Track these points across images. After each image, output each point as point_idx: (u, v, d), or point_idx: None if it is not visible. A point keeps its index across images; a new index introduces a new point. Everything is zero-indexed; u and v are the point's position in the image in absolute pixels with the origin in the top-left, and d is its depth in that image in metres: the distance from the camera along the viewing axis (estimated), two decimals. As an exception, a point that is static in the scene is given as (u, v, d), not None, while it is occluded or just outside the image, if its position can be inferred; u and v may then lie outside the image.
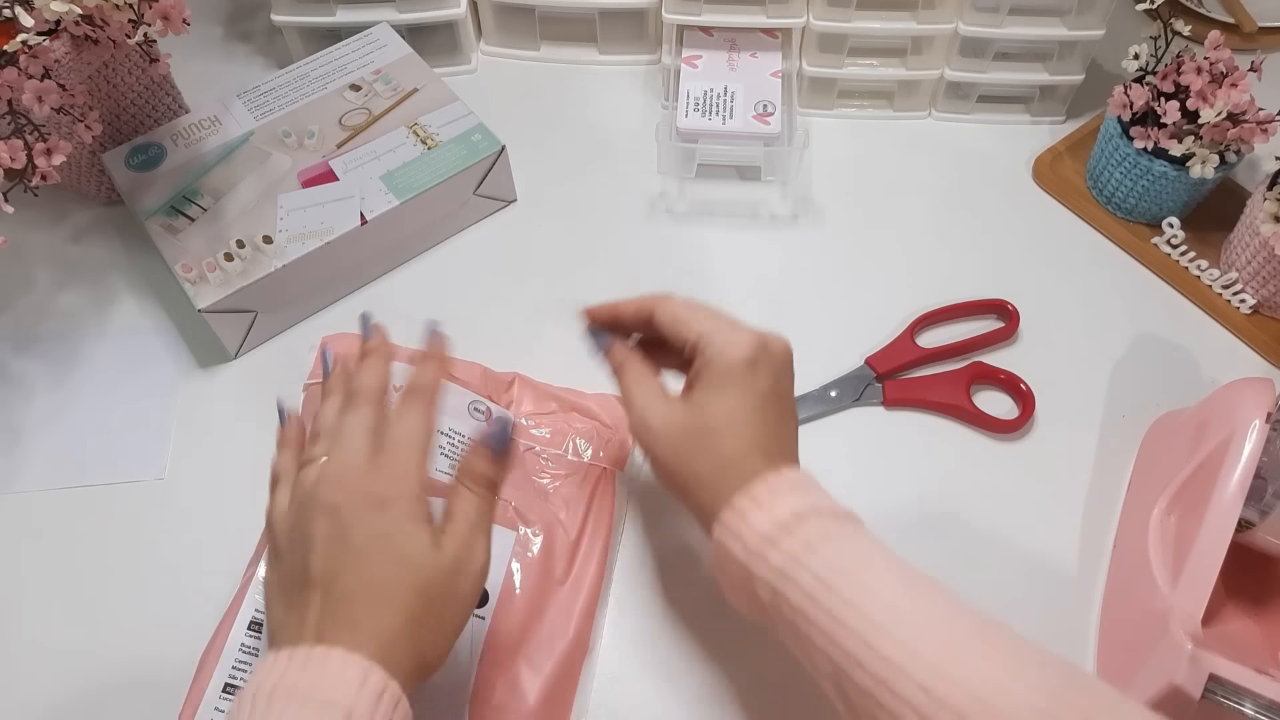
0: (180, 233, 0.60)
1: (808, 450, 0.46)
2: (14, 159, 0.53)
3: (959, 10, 0.68)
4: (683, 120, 0.68)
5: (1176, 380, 0.61)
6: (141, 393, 0.60)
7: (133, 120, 0.66)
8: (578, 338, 0.50)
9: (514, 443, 0.43)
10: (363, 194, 0.62)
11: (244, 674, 0.47)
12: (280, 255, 0.59)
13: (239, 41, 0.81)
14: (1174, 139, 0.61)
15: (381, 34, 0.71)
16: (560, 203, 0.70)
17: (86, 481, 0.57)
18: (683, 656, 0.51)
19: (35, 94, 0.53)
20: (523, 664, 0.49)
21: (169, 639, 0.50)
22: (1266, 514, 0.47)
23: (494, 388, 0.58)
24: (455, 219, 0.67)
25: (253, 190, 0.62)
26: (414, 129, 0.65)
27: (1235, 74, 0.60)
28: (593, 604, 0.51)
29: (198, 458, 0.58)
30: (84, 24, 0.57)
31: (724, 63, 0.71)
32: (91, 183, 0.67)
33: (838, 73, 0.72)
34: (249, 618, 0.48)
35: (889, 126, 0.75)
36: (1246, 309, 0.63)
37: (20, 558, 0.54)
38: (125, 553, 0.54)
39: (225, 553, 0.52)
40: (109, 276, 0.66)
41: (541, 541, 0.52)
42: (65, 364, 0.62)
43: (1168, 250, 0.66)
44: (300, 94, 0.67)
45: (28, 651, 0.51)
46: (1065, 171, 0.71)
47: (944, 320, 0.64)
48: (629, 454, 0.57)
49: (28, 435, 0.59)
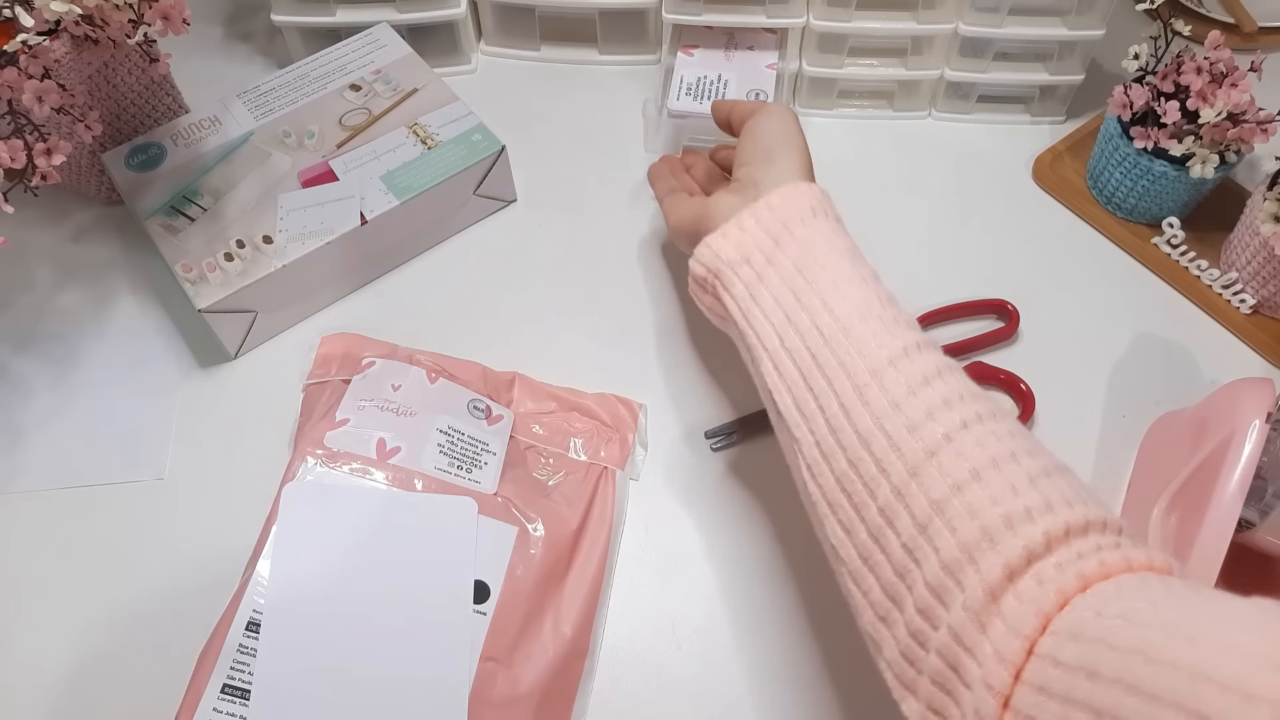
0: (180, 233, 0.60)
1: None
2: (14, 159, 0.53)
3: (959, 10, 0.68)
4: (674, 103, 0.68)
5: (1176, 380, 0.61)
6: (141, 393, 0.61)
7: (133, 120, 0.66)
8: (577, 338, 0.50)
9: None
10: (363, 194, 0.62)
11: (242, 674, 0.47)
12: (280, 255, 0.59)
13: (239, 41, 0.81)
14: (1174, 139, 0.61)
15: (381, 34, 0.71)
16: (560, 203, 0.70)
17: (86, 481, 0.57)
18: (683, 656, 0.51)
19: (35, 94, 0.53)
20: (523, 662, 0.49)
21: (167, 638, 0.50)
22: (1266, 514, 0.47)
23: (494, 387, 0.58)
24: (455, 219, 0.67)
25: (253, 190, 0.62)
26: (414, 129, 0.65)
27: (1235, 74, 0.60)
28: (593, 603, 0.51)
29: (198, 458, 0.58)
30: (84, 24, 0.57)
31: (720, 55, 0.72)
32: (91, 183, 0.67)
33: (838, 73, 0.72)
34: (247, 618, 0.48)
35: (889, 126, 0.75)
36: (1246, 309, 0.63)
37: (20, 558, 0.54)
38: (125, 553, 0.54)
39: (224, 553, 0.52)
40: (109, 276, 0.66)
41: (543, 539, 0.52)
42: (65, 364, 0.62)
43: (1168, 250, 0.66)
44: (300, 94, 0.67)
45: (27, 651, 0.51)
46: (1065, 171, 0.71)
47: (944, 320, 0.64)
48: (629, 453, 0.57)
49: (27, 435, 0.59)
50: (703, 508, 0.56)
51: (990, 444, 0.38)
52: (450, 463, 0.53)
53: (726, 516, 0.56)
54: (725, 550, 0.55)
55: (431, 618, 0.49)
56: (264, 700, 0.46)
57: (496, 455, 0.54)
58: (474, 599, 0.49)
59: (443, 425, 0.54)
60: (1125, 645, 0.30)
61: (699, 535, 0.55)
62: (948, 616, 0.35)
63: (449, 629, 0.49)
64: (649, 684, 0.51)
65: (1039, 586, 0.34)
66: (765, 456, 0.58)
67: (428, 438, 0.54)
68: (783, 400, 0.44)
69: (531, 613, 0.50)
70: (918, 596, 0.37)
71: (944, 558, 0.36)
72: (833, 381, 0.42)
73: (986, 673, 0.34)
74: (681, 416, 0.59)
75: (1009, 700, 0.33)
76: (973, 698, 0.34)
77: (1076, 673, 0.31)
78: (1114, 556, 0.34)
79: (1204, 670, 0.27)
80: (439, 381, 0.57)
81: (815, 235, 0.47)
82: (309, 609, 0.49)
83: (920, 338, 0.43)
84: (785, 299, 0.45)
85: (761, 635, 0.52)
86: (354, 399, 0.55)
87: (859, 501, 0.39)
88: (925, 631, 0.36)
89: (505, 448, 0.55)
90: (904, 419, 0.39)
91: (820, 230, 0.47)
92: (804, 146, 0.52)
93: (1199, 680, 0.27)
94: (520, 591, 0.50)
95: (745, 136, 0.53)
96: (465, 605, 0.49)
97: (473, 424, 0.55)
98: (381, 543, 0.51)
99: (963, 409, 0.39)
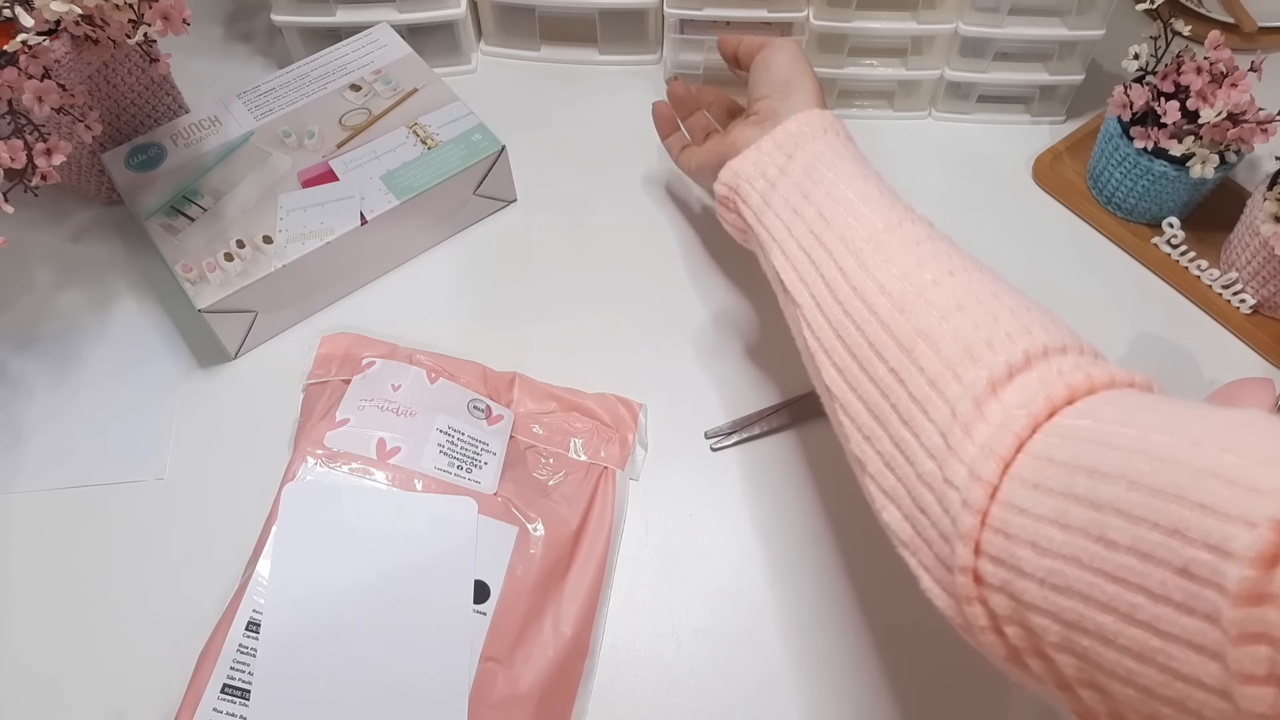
0: (180, 233, 0.60)
1: (808, 452, 0.46)
2: (14, 159, 0.53)
3: (959, 10, 0.68)
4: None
5: (1176, 380, 0.61)
6: (141, 393, 0.61)
7: (133, 120, 0.66)
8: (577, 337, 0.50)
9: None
10: (363, 194, 0.62)
11: (242, 674, 0.47)
12: (280, 255, 0.59)
13: (239, 41, 0.81)
14: (1174, 139, 0.61)
15: (381, 34, 0.71)
16: (560, 202, 0.70)
17: (86, 481, 0.57)
18: (683, 656, 0.51)
19: (35, 94, 0.53)
20: (523, 662, 0.49)
21: (167, 638, 0.50)
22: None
23: (494, 387, 0.58)
24: (455, 219, 0.67)
25: (253, 190, 0.62)
26: (414, 129, 0.65)
27: (1235, 74, 0.60)
28: (593, 603, 0.51)
29: (198, 458, 0.58)
30: (84, 24, 0.57)
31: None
32: (91, 183, 0.67)
33: (838, 73, 0.72)
34: (247, 618, 0.48)
35: (889, 126, 0.75)
36: (1246, 309, 0.63)
37: (20, 558, 0.54)
38: (125, 553, 0.54)
39: (224, 553, 0.52)
40: (109, 276, 0.66)
41: (543, 539, 0.52)
42: (65, 364, 0.62)
43: (1168, 250, 0.66)
44: (300, 94, 0.67)
45: (27, 651, 0.51)
46: (1065, 171, 0.71)
47: (944, 320, 0.64)
48: (629, 453, 0.57)
49: (28, 435, 0.59)
50: (703, 508, 0.56)
51: (975, 285, 0.40)
52: (450, 463, 0.53)
53: (726, 516, 0.56)
54: (725, 550, 0.55)
55: (431, 618, 0.49)
56: (264, 700, 0.46)
57: (496, 455, 0.54)
58: (474, 599, 0.49)
59: (443, 425, 0.54)
60: (1126, 445, 0.30)
61: (699, 535, 0.55)
62: (931, 424, 0.37)
63: (449, 629, 0.49)
64: (649, 684, 0.51)
65: (1023, 393, 0.35)
66: (765, 456, 0.58)
67: (428, 438, 0.54)
68: (788, 277, 0.46)
69: (531, 613, 0.50)
70: (902, 410, 0.38)
71: (928, 374, 0.38)
72: (832, 251, 0.44)
73: (974, 466, 0.34)
74: (681, 416, 0.59)
75: (996, 492, 0.34)
76: (958, 494, 0.35)
77: (1076, 471, 0.31)
78: (1098, 371, 0.36)
79: (1208, 467, 0.27)
80: (439, 381, 0.57)
81: (825, 148, 0.50)
82: (309, 609, 0.49)
83: (917, 215, 0.45)
84: (794, 197, 0.48)
85: (762, 635, 0.52)
86: (354, 399, 0.55)
87: (851, 341, 0.42)
88: (908, 440, 0.38)
89: (505, 448, 0.55)
90: (895, 270, 0.42)
91: (830, 144, 0.50)
92: (815, 78, 0.55)
93: (1204, 475, 0.27)
94: (520, 591, 0.50)
95: (759, 70, 0.56)
96: (465, 605, 0.49)
97: (473, 424, 0.55)
98: (381, 543, 0.51)
99: (950, 262, 0.42)
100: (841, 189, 0.46)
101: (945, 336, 0.38)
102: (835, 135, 0.51)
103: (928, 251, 0.42)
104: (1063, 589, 0.30)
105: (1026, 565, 0.32)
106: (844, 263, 0.43)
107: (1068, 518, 0.31)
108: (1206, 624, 0.26)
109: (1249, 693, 0.25)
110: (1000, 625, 0.34)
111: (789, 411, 0.59)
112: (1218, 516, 0.26)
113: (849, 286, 0.42)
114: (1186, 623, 0.26)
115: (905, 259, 0.42)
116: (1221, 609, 0.25)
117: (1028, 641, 0.33)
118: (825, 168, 0.48)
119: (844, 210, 0.45)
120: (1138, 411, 0.32)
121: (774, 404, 0.59)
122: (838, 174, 0.48)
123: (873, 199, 0.46)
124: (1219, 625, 0.25)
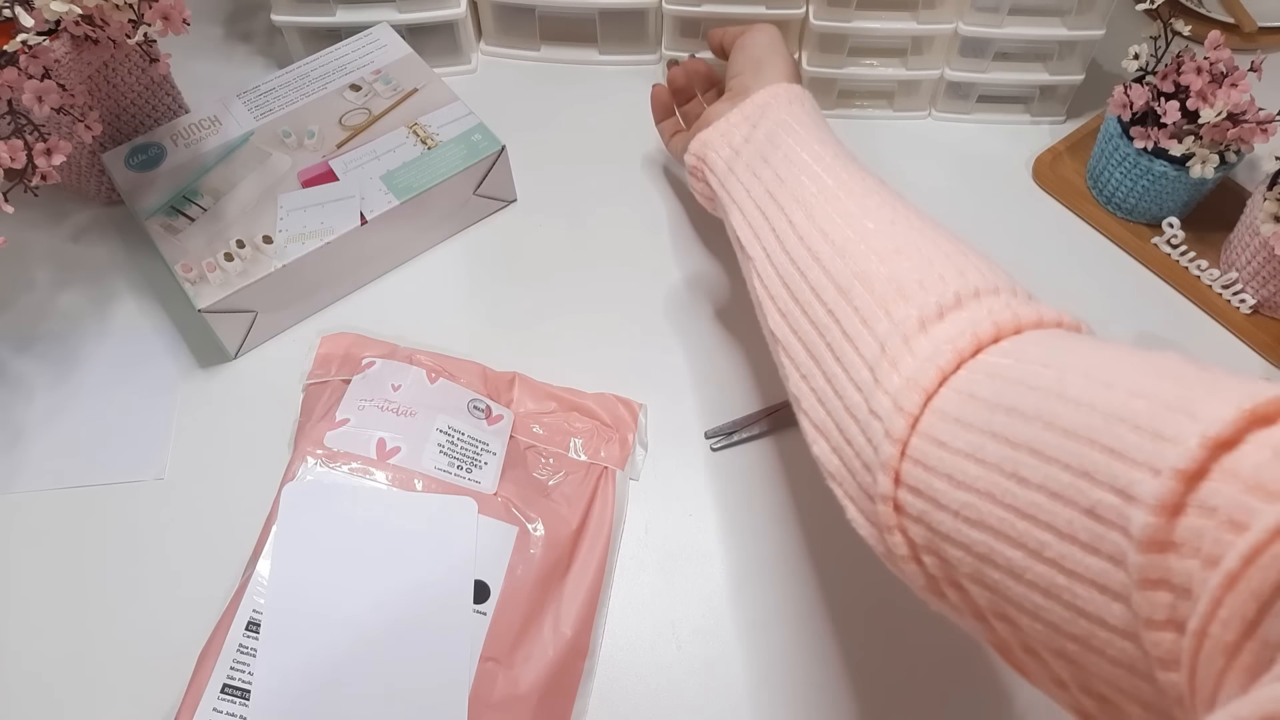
0: (180, 233, 0.60)
1: (808, 452, 0.46)
2: (14, 159, 0.53)
3: (959, 10, 0.68)
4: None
5: (1176, 380, 0.61)
6: (141, 393, 0.61)
7: (133, 120, 0.66)
8: (577, 337, 0.50)
9: None
10: (363, 194, 0.62)
11: (242, 674, 0.47)
12: (280, 255, 0.59)
13: (239, 41, 0.81)
14: (1174, 139, 0.61)
15: (381, 34, 0.71)
16: (560, 202, 0.70)
17: (86, 481, 0.57)
18: (683, 656, 0.51)
19: (35, 94, 0.53)
20: (523, 663, 0.49)
21: (167, 638, 0.50)
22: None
23: (494, 387, 0.58)
24: (455, 219, 0.67)
25: (253, 190, 0.62)
26: (414, 129, 0.65)
27: (1235, 74, 0.60)
28: (593, 603, 0.51)
29: (198, 458, 0.58)
30: (84, 24, 0.57)
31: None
32: (91, 183, 0.67)
33: (838, 72, 0.72)
34: (247, 618, 0.48)
35: (889, 126, 0.75)
36: (1246, 309, 0.63)
37: (19, 557, 0.54)
38: (125, 553, 0.54)
39: (224, 553, 0.52)
40: (109, 276, 0.66)
41: (543, 539, 0.52)
42: (65, 364, 0.62)
43: (1168, 250, 0.66)
44: (300, 94, 0.67)
45: (27, 651, 0.51)
46: (1065, 171, 0.71)
47: (944, 320, 0.64)
48: (629, 453, 0.57)
49: (28, 435, 0.59)
50: (703, 508, 0.56)
51: (914, 232, 0.41)
52: (450, 463, 0.53)
53: (726, 516, 0.56)
54: (725, 550, 0.55)
55: (431, 618, 0.49)
56: (264, 700, 0.46)
57: (496, 455, 0.54)
58: (474, 599, 0.49)
59: (443, 425, 0.54)
60: (1044, 386, 0.31)
61: (699, 535, 0.55)
62: (861, 359, 0.38)
63: (449, 629, 0.49)
64: (649, 684, 0.51)
65: (951, 330, 0.36)
66: (765, 456, 0.58)
67: (428, 438, 0.54)
68: (744, 234, 0.48)
69: (531, 613, 0.50)
70: (836, 347, 0.39)
71: (861, 313, 0.39)
72: (784, 207, 0.46)
73: (898, 397, 0.35)
74: (681, 416, 0.59)
75: (917, 423, 0.34)
76: (881, 424, 0.35)
77: (995, 408, 0.32)
78: (1027, 311, 0.36)
79: (1118, 412, 0.28)
80: (439, 381, 0.57)
81: (788, 116, 0.51)
82: (309, 609, 0.49)
83: (870, 174, 0.46)
84: (754, 161, 0.50)
85: (762, 635, 0.52)
86: (354, 399, 0.55)
87: (794, 286, 0.43)
88: (839, 375, 0.38)
89: (505, 448, 0.55)
90: (840, 219, 0.43)
91: (793, 112, 0.51)
92: (790, 57, 0.56)
93: (1114, 420, 0.28)
94: (520, 591, 0.50)
95: (736, 51, 0.58)
96: (465, 605, 0.49)
97: (473, 424, 0.55)
98: (381, 543, 0.51)
99: (893, 211, 0.43)
100: (799, 152, 0.48)
101: (880, 277, 0.39)
102: (799, 105, 0.52)
103: (873, 203, 0.44)
104: (975, 522, 0.31)
105: (943, 497, 0.33)
106: (793, 216, 0.45)
107: (984, 453, 0.31)
108: (1111, 565, 0.27)
109: (1150, 637, 0.25)
110: (919, 554, 0.35)
111: (789, 412, 0.59)
112: (1125, 461, 0.27)
113: (796, 237, 0.44)
114: (1091, 562, 0.27)
115: (851, 208, 0.43)
116: (1127, 552, 0.26)
117: (943, 571, 0.34)
118: (785, 133, 0.50)
119: (798, 169, 0.47)
120: (1060, 352, 0.33)
121: (774, 404, 0.59)
122: (796, 140, 0.49)
123: (827, 160, 0.47)
124: (1124, 568, 0.26)
